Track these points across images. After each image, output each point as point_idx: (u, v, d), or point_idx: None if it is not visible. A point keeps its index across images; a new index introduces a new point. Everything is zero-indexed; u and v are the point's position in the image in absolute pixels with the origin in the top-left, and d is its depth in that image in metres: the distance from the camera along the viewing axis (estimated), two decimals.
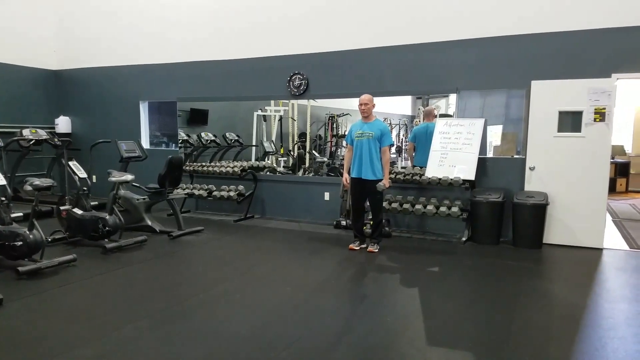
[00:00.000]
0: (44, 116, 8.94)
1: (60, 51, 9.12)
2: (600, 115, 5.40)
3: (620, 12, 5.35)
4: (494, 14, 5.92)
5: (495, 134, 6.45)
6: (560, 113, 5.60)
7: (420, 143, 6.60)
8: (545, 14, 5.66)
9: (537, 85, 5.66)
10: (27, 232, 4.36)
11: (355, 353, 3.00)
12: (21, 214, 6.00)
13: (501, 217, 5.75)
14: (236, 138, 8.49)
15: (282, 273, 4.70)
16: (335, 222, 6.62)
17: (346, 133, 8.52)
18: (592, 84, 5.41)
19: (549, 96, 5.60)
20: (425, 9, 6.28)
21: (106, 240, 5.32)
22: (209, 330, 3.28)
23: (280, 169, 8.57)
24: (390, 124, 9.00)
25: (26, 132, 7.06)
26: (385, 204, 5.94)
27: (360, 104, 5.30)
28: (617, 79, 5.40)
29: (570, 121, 5.59)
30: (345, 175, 5.52)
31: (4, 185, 4.58)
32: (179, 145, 8.25)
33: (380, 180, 5.22)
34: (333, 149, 9.63)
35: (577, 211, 5.56)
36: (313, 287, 4.25)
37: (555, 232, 5.67)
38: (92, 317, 3.50)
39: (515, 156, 6.09)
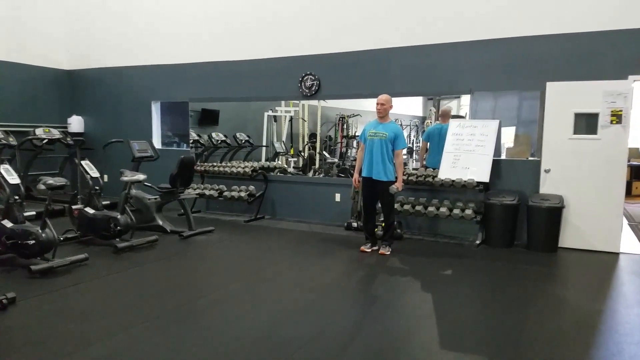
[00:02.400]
0: (57, 116, 9.01)
1: (73, 51, 9.18)
2: (617, 117, 5.32)
3: (637, 14, 5.26)
4: (508, 15, 5.86)
5: (507, 136, 6.38)
6: (576, 115, 5.52)
7: (433, 143, 6.55)
8: (561, 15, 5.59)
9: (552, 87, 5.59)
10: (40, 231, 4.38)
11: (366, 355, 2.97)
12: (34, 213, 6.03)
13: (515, 220, 5.68)
14: (247, 138, 8.50)
15: (293, 274, 4.68)
16: (346, 224, 6.59)
17: (356, 134, 8.48)
18: (608, 86, 5.33)
19: (565, 98, 5.52)
20: (438, 10, 6.22)
21: (117, 239, 5.34)
22: (219, 331, 3.27)
23: (291, 169, 8.55)
24: (401, 125, 8.95)
25: (39, 132, 7.13)
26: (397, 205, 5.89)
27: (377, 104, 5.26)
28: (634, 80, 5.32)
29: (586, 123, 5.50)
30: (356, 175, 5.49)
31: (17, 184, 4.60)
32: (190, 145, 8.27)
33: (392, 182, 5.18)
34: (343, 149, 9.60)
35: (593, 214, 5.48)
36: (323, 288, 4.23)
37: (571, 236, 5.59)
38: (103, 316, 3.50)
39: (530, 158, 6.01)
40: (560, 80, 5.55)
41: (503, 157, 6.16)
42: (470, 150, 5.92)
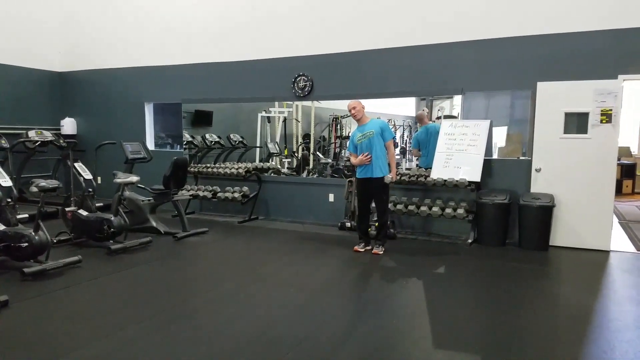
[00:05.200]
0: (50, 118, 8.98)
1: (66, 53, 9.15)
2: (607, 116, 5.37)
3: (627, 13, 5.32)
4: (499, 15, 5.90)
5: (500, 135, 6.42)
6: (567, 114, 5.56)
7: (424, 146, 6.62)
8: (551, 15, 5.64)
9: (543, 87, 5.63)
10: (33, 233, 4.36)
11: (360, 354, 2.98)
12: (27, 215, 5.99)
13: (507, 218, 5.72)
14: (240, 139, 8.50)
15: (287, 274, 4.69)
16: (339, 224, 6.61)
17: (350, 134, 8.49)
18: (598, 85, 5.38)
19: (555, 97, 5.57)
20: (429, 10, 6.26)
21: (111, 241, 5.32)
22: (213, 331, 3.28)
23: (285, 170, 8.56)
24: (394, 125, 8.98)
25: (32, 134, 7.09)
26: (390, 205, 5.92)
27: (350, 110, 5.30)
28: (624, 80, 5.37)
29: (576, 122, 5.55)
30: (356, 160, 5.34)
31: (9, 187, 4.59)
32: (184, 146, 8.26)
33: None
34: (337, 150, 9.61)
35: (583, 213, 5.53)
36: (318, 288, 4.24)
37: (562, 234, 5.64)
38: (97, 317, 3.50)
39: (521, 157, 6.06)
40: (551, 80, 5.60)
41: (495, 156, 6.21)
42: (462, 150, 5.96)
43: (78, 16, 8.95)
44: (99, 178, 7.84)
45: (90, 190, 5.58)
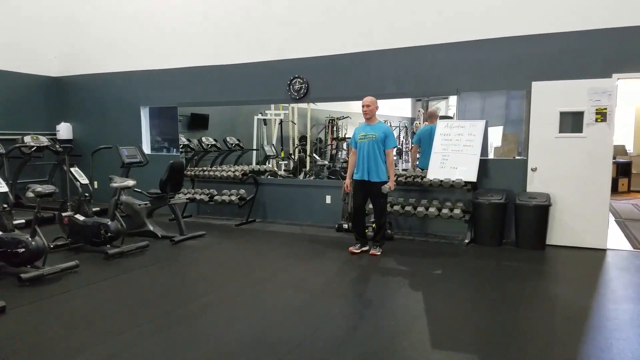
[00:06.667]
0: (45, 123, 8.95)
1: (61, 58, 9.13)
2: (602, 115, 5.39)
3: (620, 12, 5.34)
4: (493, 16, 5.92)
5: (495, 135, 6.44)
6: (562, 114, 5.59)
7: (424, 145, 6.61)
8: (546, 14, 5.66)
9: (537, 86, 5.65)
10: (29, 239, 4.35)
11: (359, 355, 2.98)
12: (23, 221, 5.99)
13: (504, 218, 5.73)
14: (237, 142, 8.50)
15: (284, 276, 4.69)
16: (337, 225, 6.61)
17: (346, 136, 8.50)
18: (593, 84, 5.40)
19: (550, 97, 5.59)
20: (424, 11, 6.27)
21: (108, 246, 5.31)
22: (211, 334, 3.28)
23: (281, 172, 8.57)
24: (390, 126, 9.01)
25: (27, 139, 7.07)
26: (387, 206, 5.92)
27: (363, 106, 5.29)
28: (618, 79, 5.39)
29: (571, 122, 5.58)
30: (348, 180, 5.48)
31: (5, 192, 4.57)
32: (180, 150, 8.25)
33: (385, 182, 5.21)
34: (334, 152, 9.62)
35: (579, 212, 5.55)
36: (315, 290, 4.24)
37: (558, 233, 5.66)
38: (95, 322, 3.49)
39: (517, 157, 6.08)
40: (546, 80, 5.62)
41: (491, 156, 6.22)
42: (458, 150, 5.97)
43: (73, 21, 8.93)
44: (95, 183, 7.81)
45: (87, 195, 5.56)
